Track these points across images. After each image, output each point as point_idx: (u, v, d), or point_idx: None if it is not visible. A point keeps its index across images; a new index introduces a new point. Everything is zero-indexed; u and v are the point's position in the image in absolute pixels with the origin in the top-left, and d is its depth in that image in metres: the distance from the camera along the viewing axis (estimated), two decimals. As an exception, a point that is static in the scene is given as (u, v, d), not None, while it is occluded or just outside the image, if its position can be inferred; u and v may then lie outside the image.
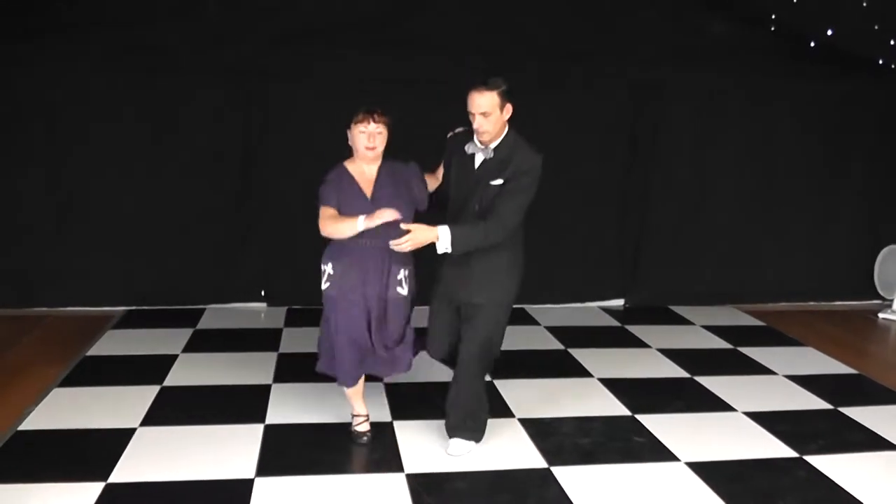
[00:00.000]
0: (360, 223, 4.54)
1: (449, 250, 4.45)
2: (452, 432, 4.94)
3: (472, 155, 4.66)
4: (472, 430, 4.95)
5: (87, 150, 7.51)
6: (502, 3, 7.75)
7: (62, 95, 7.41)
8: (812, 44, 7.93)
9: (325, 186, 4.76)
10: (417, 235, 4.45)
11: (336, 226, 4.65)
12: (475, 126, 4.50)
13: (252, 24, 7.48)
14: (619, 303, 8.73)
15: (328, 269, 4.83)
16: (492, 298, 4.70)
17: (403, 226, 4.50)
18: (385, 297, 4.82)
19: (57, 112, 7.43)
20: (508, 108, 4.50)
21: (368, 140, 4.71)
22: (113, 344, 6.89)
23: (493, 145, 4.57)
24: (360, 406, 5.16)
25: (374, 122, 4.70)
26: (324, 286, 4.86)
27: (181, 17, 7.40)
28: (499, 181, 4.52)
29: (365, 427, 5.13)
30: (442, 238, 4.43)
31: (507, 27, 7.71)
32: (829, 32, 7.52)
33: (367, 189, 4.79)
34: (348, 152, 4.86)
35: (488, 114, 4.41)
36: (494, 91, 4.40)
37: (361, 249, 4.71)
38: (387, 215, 4.49)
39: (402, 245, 4.47)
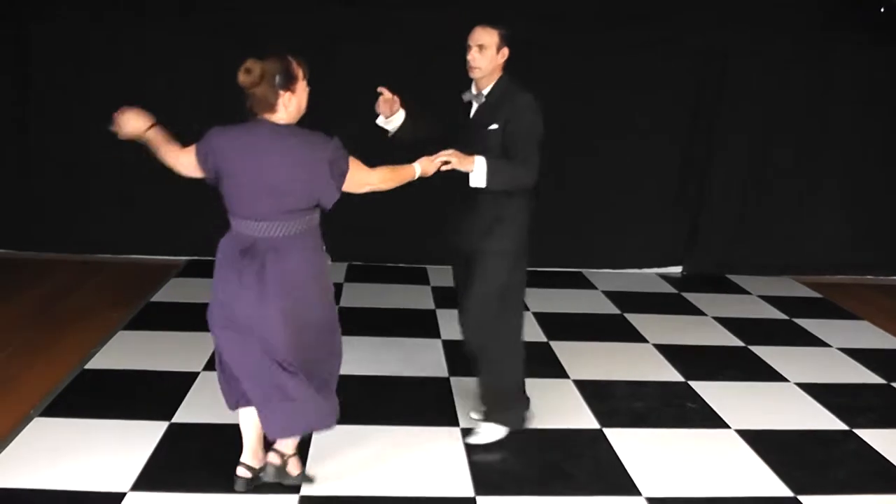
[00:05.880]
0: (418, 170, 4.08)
1: (483, 184, 4.22)
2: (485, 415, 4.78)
3: (469, 103, 4.50)
4: (498, 414, 4.74)
5: (155, 102, 7.57)
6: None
7: (126, 50, 7.56)
8: (882, 9, 7.82)
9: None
10: (459, 157, 4.14)
11: (395, 180, 4.00)
12: (469, 59, 4.35)
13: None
14: (676, 270, 8.76)
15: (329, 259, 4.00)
16: (496, 246, 4.44)
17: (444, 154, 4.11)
18: None
19: (121, 64, 7.58)
20: (505, 52, 4.35)
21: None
22: (177, 291, 7.10)
23: (485, 91, 4.41)
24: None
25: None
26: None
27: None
28: (494, 126, 4.32)
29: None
30: (478, 167, 4.18)
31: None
32: None
33: None
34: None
35: (484, 48, 4.28)
36: (496, 30, 4.30)
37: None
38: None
39: (442, 158, 4.08)
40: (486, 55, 4.30)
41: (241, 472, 4.01)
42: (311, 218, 3.71)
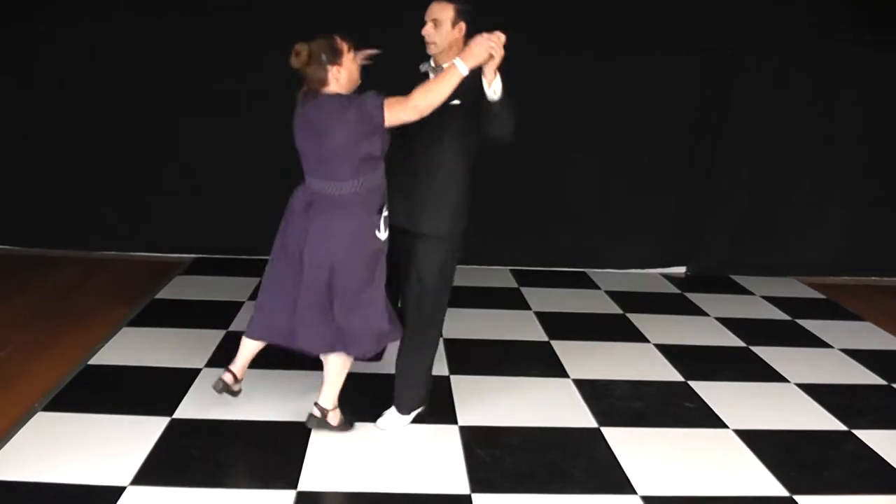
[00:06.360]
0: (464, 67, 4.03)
1: (497, 96, 4.12)
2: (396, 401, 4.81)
3: (426, 74, 4.43)
4: (409, 400, 4.82)
5: (164, 101, 7.71)
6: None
7: (141, 43, 7.58)
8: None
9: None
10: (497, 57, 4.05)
11: (440, 86, 4.06)
12: (423, 33, 4.32)
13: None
14: (680, 270, 8.77)
15: (385, 213, 4.33)
16: (438, 228, 4.46)
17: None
18: None
19: (136, 61, 7.62)
20: (461, 27, 4.28)
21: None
22: (181, 288, 7.14)
23: (445, 65, 4.20)
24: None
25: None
26: (383, 234, 4.34)
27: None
28: (456, 101, 4.18)
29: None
30: (498, 78, 4.10)
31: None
32: None
33: None
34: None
35: (438, 22, 4.25)
36: (452, 4, 4.27)
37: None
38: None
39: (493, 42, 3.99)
40: (441, 30, 4.28)
41: (225, 375, 4.60)
42: (356, 181, 4.12)
